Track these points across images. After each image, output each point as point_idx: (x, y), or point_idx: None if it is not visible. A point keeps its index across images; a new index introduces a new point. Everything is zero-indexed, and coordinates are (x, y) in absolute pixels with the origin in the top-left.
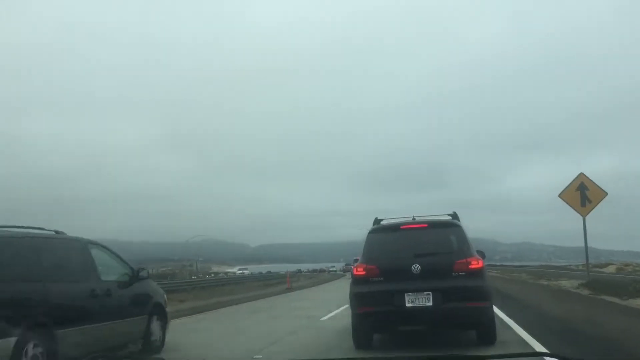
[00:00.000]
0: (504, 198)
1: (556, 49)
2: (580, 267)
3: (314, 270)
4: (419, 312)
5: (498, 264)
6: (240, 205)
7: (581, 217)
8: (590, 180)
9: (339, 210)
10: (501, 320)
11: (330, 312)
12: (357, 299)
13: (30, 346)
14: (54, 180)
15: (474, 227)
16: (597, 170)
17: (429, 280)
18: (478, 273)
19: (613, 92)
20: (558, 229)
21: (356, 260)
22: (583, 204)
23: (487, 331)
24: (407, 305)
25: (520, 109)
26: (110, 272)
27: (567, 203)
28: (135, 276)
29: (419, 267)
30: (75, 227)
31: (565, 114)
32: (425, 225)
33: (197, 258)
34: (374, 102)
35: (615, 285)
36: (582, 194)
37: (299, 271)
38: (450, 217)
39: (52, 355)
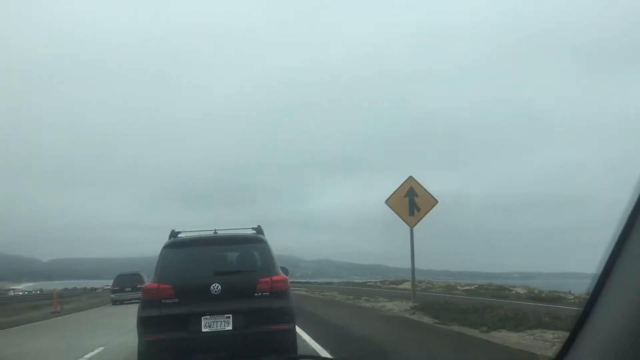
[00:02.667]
0: (306, 217)
1: (354, 75)
2: (377, 284)
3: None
4: (217, 338)
5: (304, 280)
6: (31, 215)
7: (408, 228)
8: (421, 185)
9: (142, 224)
10: None
11: (91, 350)
12: (146, 325)
13: None
14: None
15: (277, 244)
16: (382, 194)
17: (230, 301)
18: (283, 293)
19: (407, 120)
20: (355, 247)
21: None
22: (411, 213)
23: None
24: (204, 330)
25: (326, 133)
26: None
27: (394, 211)
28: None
29: (219, 286)
30: None
31: (365, 139)
32: (228, 240)
33: None
34: (185, 112)
35: (455, 310)
36: (411, 201)
37: (93, 289)
38: (255, 232)
39: None
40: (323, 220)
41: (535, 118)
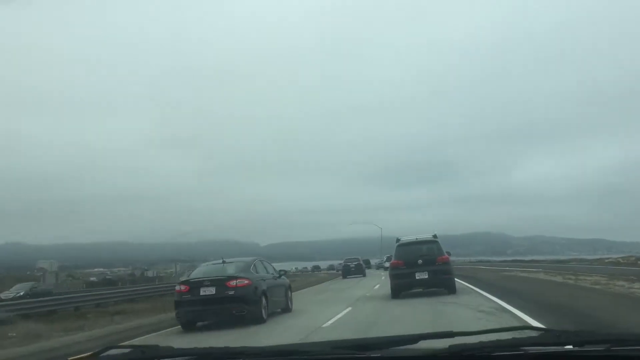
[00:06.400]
0: (513, 191)
1: (558, 38)
2: (619, 260)
3: (303, 269)
4: (422, 280)
5: (514, 259)
6: (249, 204)
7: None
8: None
9: (348, 207)
10: None
11: None
12: (394, 277)
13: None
14: (49, 182)
15: (482, 221)
16: (604, 160)
17: (426, 267)
18: (447, 263)
19: (616, 80)
20: (569, 221)
21: (389, 258)
22: None
23: (452, 288)
24: (417, 277)
25: (527, 99)
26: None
27: None
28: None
29: (422, 261)
30: (75, 229)
31: (571, 103)
32: (422, 241)
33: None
34: (374, 94)
35: None
36: None
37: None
38: (433, 236)
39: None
40: (531, 193)
41: None
